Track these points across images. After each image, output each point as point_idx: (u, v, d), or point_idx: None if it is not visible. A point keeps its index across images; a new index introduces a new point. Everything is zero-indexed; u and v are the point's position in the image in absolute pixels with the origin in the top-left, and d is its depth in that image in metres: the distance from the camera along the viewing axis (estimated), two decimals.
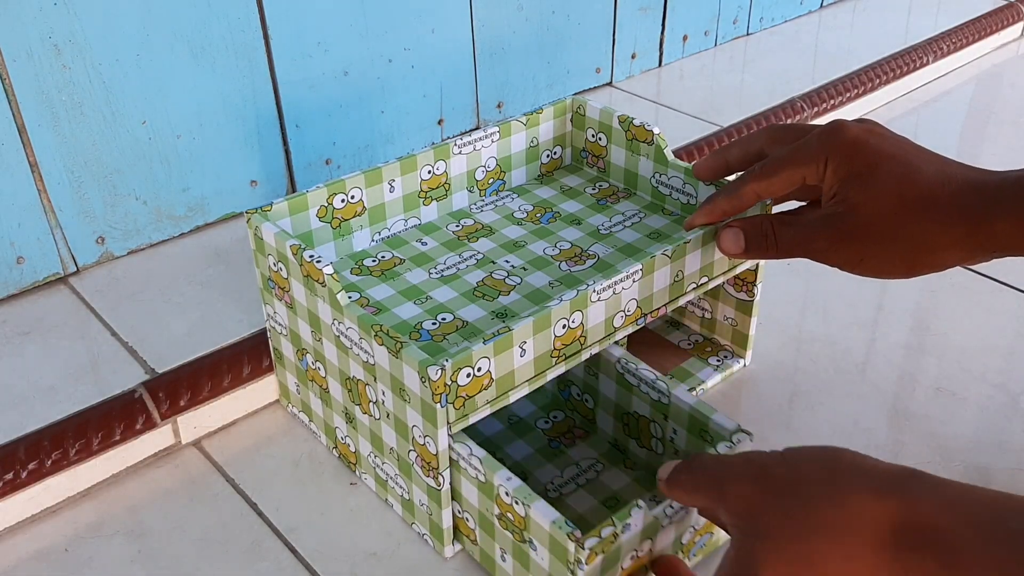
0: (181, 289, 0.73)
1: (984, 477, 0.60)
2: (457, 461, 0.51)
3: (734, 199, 0.56)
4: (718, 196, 0.56)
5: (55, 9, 0.66)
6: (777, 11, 1.25)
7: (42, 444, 0.58)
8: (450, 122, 0.94)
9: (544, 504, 0.47)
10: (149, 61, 0.72)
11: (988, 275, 0.79)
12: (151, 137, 0.75)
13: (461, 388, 0.49)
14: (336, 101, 0.84)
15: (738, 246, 0.56)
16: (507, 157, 0.72)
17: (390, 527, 0.57)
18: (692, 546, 0.53)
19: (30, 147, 0.69)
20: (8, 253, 0.71)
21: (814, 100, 1.02)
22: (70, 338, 0.69)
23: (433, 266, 0.64)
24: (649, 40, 1.11)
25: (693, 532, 0.52)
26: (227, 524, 0.58)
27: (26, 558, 0.56)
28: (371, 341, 0.51)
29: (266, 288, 0.61)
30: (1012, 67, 1.22)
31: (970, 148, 1.00)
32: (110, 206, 0.75)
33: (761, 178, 0.54)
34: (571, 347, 0.54)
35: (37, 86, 0.67)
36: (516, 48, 0.97)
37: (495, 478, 0.48)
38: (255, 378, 0.65)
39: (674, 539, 0.50)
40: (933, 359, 0.70)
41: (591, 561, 0.45)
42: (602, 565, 0.46)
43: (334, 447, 0.62)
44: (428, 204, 0.68)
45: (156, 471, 0.62)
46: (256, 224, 0.58)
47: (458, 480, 0.52)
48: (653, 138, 0.68)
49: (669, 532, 0.50)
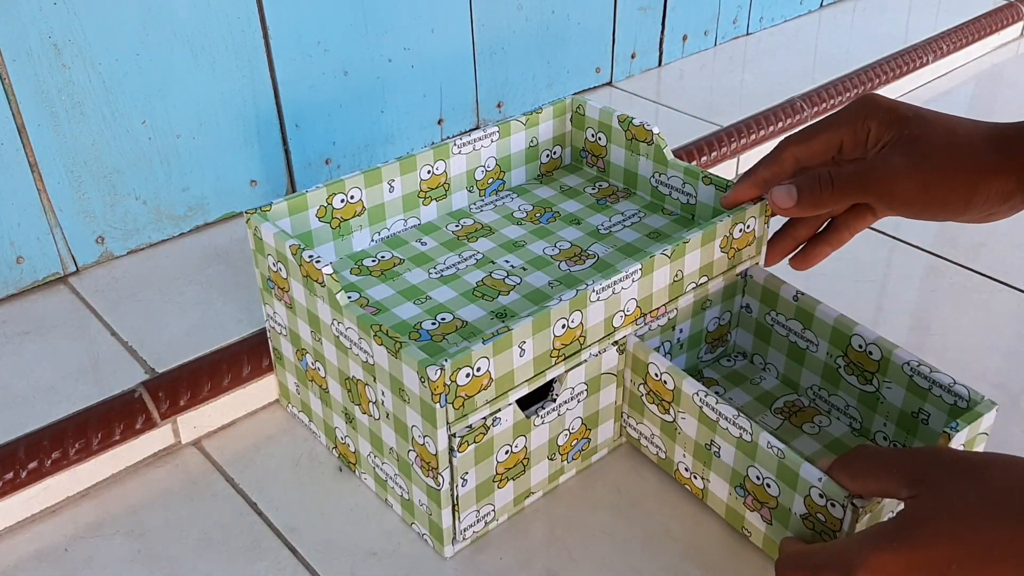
0: (181, 289, 0.73)
1: None
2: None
3: (774, 165, 0.56)
4: (757, 167, 0.57)
5: (55, 9, 0.66)
6: (777, 11, 1.25)
7: (42, 444, 0.58)
8: (450, 122, 0.94)
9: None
10: (149, 61, 0.72)
11: (988, 275, 0.79)
12: (151, 137, 0.75)
13: (460, 388, 0.49)
14: (336, 101, 0.84)
15: (791, 198, 0.55)
16: (507, 157, 0.72)
17: (390, 527, 0.57)
18: (570, 448, 0.57)
19: (30, 147, 0.69)
20: (8, 253, 0.71)
21: (814, 100, 1.02)
22: (70, 338, 0.69)
23: (433, 266, 0.64)
24: (649, 40, 1.11)
25: (569, 435, 0.56)
26: (227, 524, 0.58)
27: (26, 558, 0.56)
28: (371, 341, 0.51)
29: (266, 288, 0.61)
30: (1012, 67, 1.22)
31: None
32: (110, 206, 0.75)
33: (801, 140, 0.55)
34: (570, 347, 0.54)
35: (37, 86, 0.68)
36: (516, 48, 0.97)
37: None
38: (255, 378, 0.65)
39: (550, 438, 0.55)
40: (933, 359, 0.70)
41: (463, 449, 0.50)
42: (475, 455, 0.51)
43: (334, 447, 0.62)
44: (428, 204, 0.68)
45: (156, 471, 0.62)
46: (256, 224, 0.58)
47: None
48: (653, 138, 0.68)
49: (543, 431, 0.55)
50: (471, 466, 0.52)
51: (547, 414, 0.54)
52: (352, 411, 0.57)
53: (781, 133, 0.98)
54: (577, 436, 0.58)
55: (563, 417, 0.56)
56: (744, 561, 0.54)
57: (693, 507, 0.58)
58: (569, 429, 0.57)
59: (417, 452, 0.52)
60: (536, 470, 0.56)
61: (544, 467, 0.57)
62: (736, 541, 0.56)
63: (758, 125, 0.97)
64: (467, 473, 0.52)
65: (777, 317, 0.63)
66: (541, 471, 0.57)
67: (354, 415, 0.57)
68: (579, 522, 0.57)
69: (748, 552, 0.55)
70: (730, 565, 0.54)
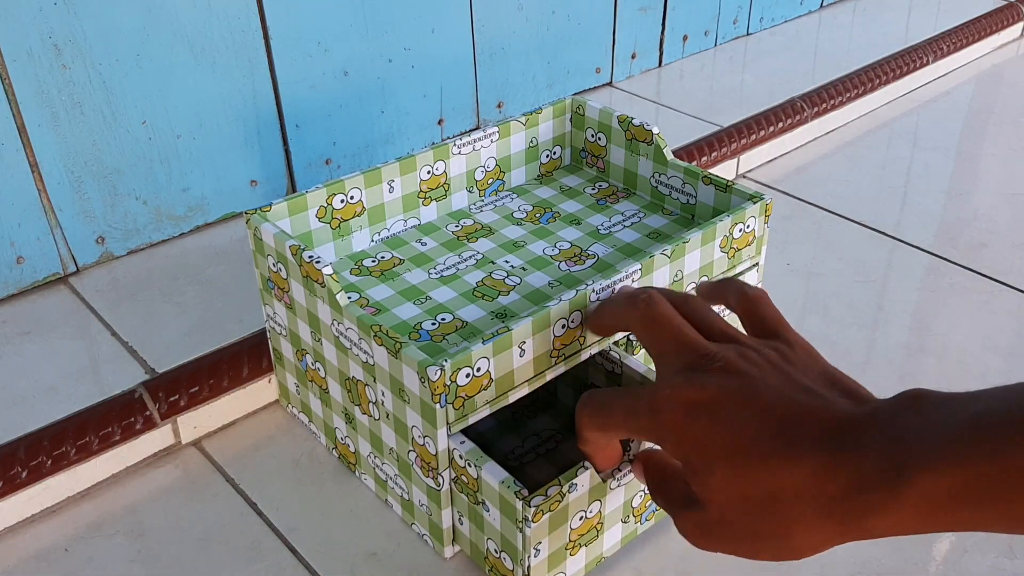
0: (181, 289, 0.74)
1: None
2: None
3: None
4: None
5: (55, 9, 0.66)
6: (777, 11, 1.25)
7: (42, 444, 0.58)
8: (450, 122, 0.94)
9: (494, 465, 0.48)
10: (149, 61, 0.72)
11: (988, 275, 0.79)
12: (151, 137, 0.75)
13: (460, 388, 0.49)
14: (336, 101, 0.84)
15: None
16: (507, 157, 0.72)
17: (390, 527, 0.57)
18: (644, 510, 0.54)
19: (30, 147, 0.69)
20: (8, 253, 0.71)
21: (814, 100, 1.02)
22: (70, 338, 0.69)
23: (433, 266, 0.64)
24: (649, 40, 1.11)
25: (644, 495, 0.53)
26: (227, 524, 0.58)
27: (26, 558, 0.56)
28: (370, 341, 0.51)
29: (266, 288, 0.61)
30: (1012, 67, 1.22)
31: (970, 148, 1.00)
32: (110, 206, 0.75)
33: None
34: (570, 347, 0.54)
35: (37, 86, 0.68)
36: (516, 48, 0.97)
37: (449, 443, 0.50)
38: (255, 378, 0.65)
39: (624, 501, 0.52)
40: (933, 359, 0.70)
41: (538, 519, 0.47)
42: (549, 523, 0.48)
43: (334, 447, 0.62)
44: (428, 204, 0.68)
45: (156, 471, 0.62)
46: (255, 225, 0.58)
47: None
48: (652, 138, 0.68)
49: (618, 494, 0.51)
50: (544, 535, 0.48)
51: (623, 476, 0.51)
52: (352, 411, 0.57)
53: (781, 133, 0.98)
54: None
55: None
56: None
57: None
58: (644, 490, 0.53)
59: (417, 452, 0.52)
60: (609, 534, 0.53)
61: (617, 530, 0.54)
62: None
63: (758, 125, 0.97)
64: (540, 543, 0.49)
65: None
66: (614, 535, 0.54)
67: (354, 415, 0.57)
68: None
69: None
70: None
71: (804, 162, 0.98)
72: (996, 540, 0.55)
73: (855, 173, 0.96)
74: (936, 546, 0.55)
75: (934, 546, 0.55)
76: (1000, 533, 0.32)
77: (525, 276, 0.62)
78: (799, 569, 0.54)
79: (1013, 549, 0.55)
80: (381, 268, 0.64)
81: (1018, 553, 0.54)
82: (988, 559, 0.54)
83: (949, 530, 0.33)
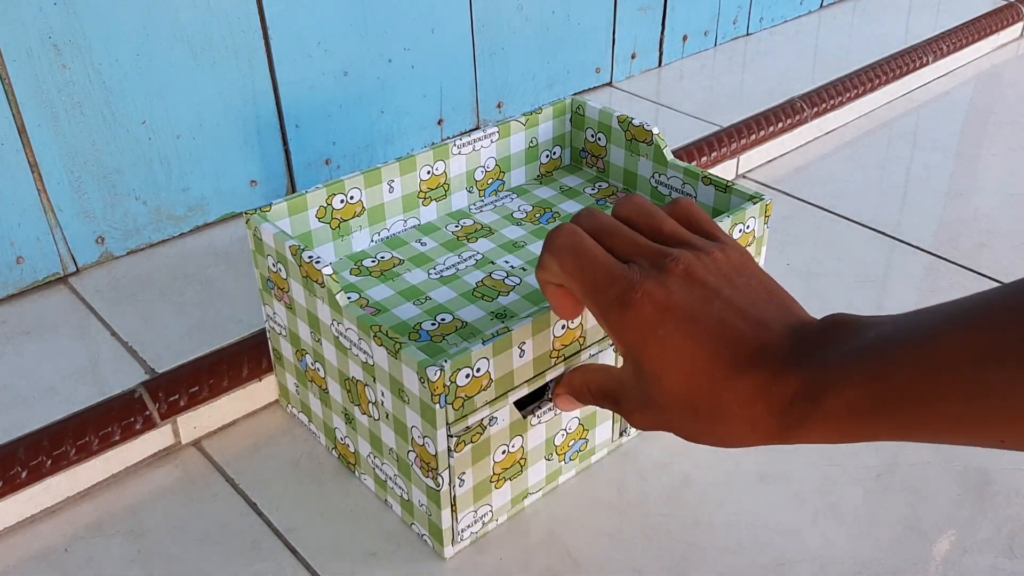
0: (181, 289, 0.74)
1: (984, 478, 0.60)
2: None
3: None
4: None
5: (55, 9, 0.66)
6: (777, 11, 1.25)
7: (42, 444, 0.58)
8: (450, 122, 0.94)
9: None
10: (149, 61, 0.72)
11: (988, 275, 0.79)
12: (151, 137, 0.75)
13: (460, 389, 0.49)
14: (336, 101, 0.84)
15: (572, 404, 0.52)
16: (506, 157, 0.72)
17: (390, 528, 0.57)
18: (567, 449, 0.57)
19: (30, 147, 0.69)
20: (8, 253, 0.71)
21: (814, 100, 1.02)
22: (70, 338, 0.69)
23: (432, 267, 0.64)
24: (649, 40, 1.11)
25: (566, 435, 0.56)
26: (227, 524, 0.58)
27: (26, 558, 0.56)
28: (370, 342, 0.51)
29: (265, 289, 0.61)
30: (1012, 67, 1.22)
31: (970, 148, 1.00)
32: (110, 206, 0.75)
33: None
34: (570, 347, 0.54)
35: (37, 86, 0.68)
36: (516, 48, 0.97)
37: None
38: (254, 378, 0.65)
39: (547, 439, 0.55)
40: None
41: (460, 449, 0.50)
42: (472, 454, 0.51)
43: (333, 447, 0.62)
44: (427, 204, 0.68)
45: (156, 471, 0.62)
46: (255, 225, 0.58)
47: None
48: (652, 138, 0.68)
49: (539, 431, 0.55)
50: (468, 466, 0.52)
51: (543, 414, 0.54)
52: (352, 412, 0.57)
53: (781, 133, 0.98)
54: (574, 436, 0.58)
55: (560, 417, 0.56)
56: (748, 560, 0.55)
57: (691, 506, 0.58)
58: (566, 429, 0.57)
59: (417, 453, 0.52)
60: (533, 470, 0.56)
61: (541, 467, 0.57)
62: (735, 546, 0.56)
63: (758, 125, 0.97)
64: (464, 473, 0.52)
65: None
66: (538, 471, 0.57)
67: (354, 416, 0.57)
68: (579, 523, 0.57)
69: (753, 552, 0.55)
70: (728, 562, 0.54)
71: (804, 162, 0.98)
72: (996, 540, 0.55)
73: (855, 173, 0.96)
74: (936, 546, 0.55)
75: (934, 546, 0.55)
76: (900, 441, 0.36)
77: (525, 276, 0.62)
78: (799, 569, 0.54)
79: (1013, 549, 0.55)
80: (381, 268, 0.64)
81: (1018, 553, 0.54)
82: (988, 559, 0.54)
83: (860, 440, 0.37)
